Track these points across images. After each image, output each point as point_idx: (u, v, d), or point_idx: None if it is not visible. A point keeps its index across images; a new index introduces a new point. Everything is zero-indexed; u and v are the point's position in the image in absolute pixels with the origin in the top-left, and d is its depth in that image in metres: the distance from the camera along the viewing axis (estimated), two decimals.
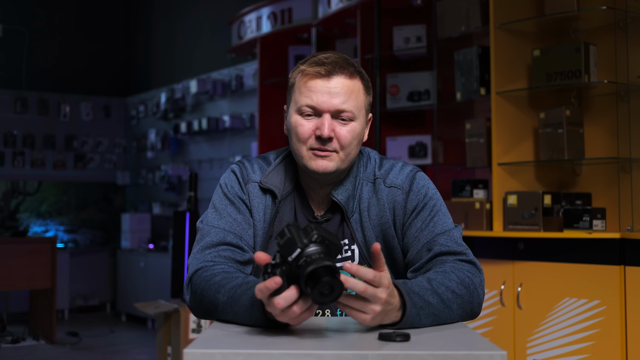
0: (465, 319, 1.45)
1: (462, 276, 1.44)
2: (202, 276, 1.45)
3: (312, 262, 1.17)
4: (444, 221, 1.55)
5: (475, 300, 1.45)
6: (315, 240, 1.20)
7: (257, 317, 1.29)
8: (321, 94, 1.51)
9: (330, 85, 1.51)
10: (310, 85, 1.52)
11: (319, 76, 1.51)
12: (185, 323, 3.98)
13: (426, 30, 3.93)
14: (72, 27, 7.89)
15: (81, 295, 7.47)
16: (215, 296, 1.39)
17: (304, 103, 1.52)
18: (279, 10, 4.91)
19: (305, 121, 1.53)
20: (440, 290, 1.38)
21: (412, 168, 1.62)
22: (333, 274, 1.16)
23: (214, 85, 6.43)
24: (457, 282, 1.43)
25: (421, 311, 1.33)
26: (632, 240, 2.83)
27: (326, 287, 1.15)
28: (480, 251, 3.32)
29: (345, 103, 1.51)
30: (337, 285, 1.16)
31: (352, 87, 1.52)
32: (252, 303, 1.30)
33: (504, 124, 3.34)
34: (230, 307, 1.35)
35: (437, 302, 1.36)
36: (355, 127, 1.53)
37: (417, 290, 1.34)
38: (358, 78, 1.54)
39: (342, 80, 1.52)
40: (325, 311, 1.57)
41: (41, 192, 7.68)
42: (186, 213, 4.63)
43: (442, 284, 1.40)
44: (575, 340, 2.96)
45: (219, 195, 1.61)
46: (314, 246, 1.20)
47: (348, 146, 1.53)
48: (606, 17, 3.19)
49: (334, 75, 1.51)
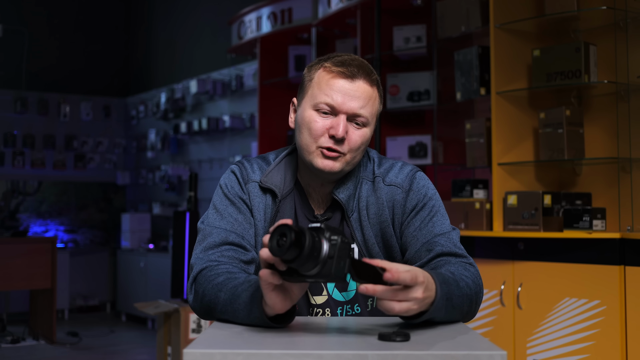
0: (466, 318, 1.45)
1: (472, 277, 1.45)
2: (206, 276, 1.45)
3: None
4: (442, 222, 1.56)
5: (479, 302, 1.47)
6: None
7: (256, 314, 1.29)
8: (342, 94, 1.50)
9: (353, 88, 1.51)
10: (333, 84, 1.51)
11: (343, 76, 1.51)
12: (185, 323, 3.98)
13: (426, 30, 3.93)
14: (72, 27, 7.89)
15: (81, 295, 7.48)
16: (216, 295, 1.39)
17: (323, 100, 1.51)
18: (279, 10, 4.91)
19: (321, 118, 1.52)
20: (462, 284, 1.38)
21: (412, 167, 1.62)
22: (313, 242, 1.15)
23: (214, 85, 6.43)
24: (470, 281, 1.43)
25: (447, 302, 1.31)
26: (632, 240, 2.83)
27: (284, 238, 1.14)
28: (480, 251, 3.33)
29: (363, 108, 1.51)
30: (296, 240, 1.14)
31: (371, 94, 1.53)
32: (251, 300, 1.30)
33: (504, 124, 3.34)
34: (230, 305, 1.35)
35: (459, 295, 1.36)
36: (366, 132, 1.54)
37: (449, 281, 1.34)
38: (376, 87, 1.55)
39: (364, 86, 1.52)
40: (326, 310, 1.58)
41: (41, 192, 7.69)
42: (186, 213, 4.63)
43: (462, 279, 1.40)
44: (575, 340, 2.96)
45: (219, 195, 1.61)
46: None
47: (356, 150, 1.53)
48: (606, 17, 3.19)
49: (357, 79, 1.51)
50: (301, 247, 1.15)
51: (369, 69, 1.54)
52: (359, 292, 1.22)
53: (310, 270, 1.18)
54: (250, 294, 1.31)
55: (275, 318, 1.29)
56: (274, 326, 1.28)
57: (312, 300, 1.57)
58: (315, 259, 1.16)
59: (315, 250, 1.16)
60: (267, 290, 1.24)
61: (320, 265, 1.17)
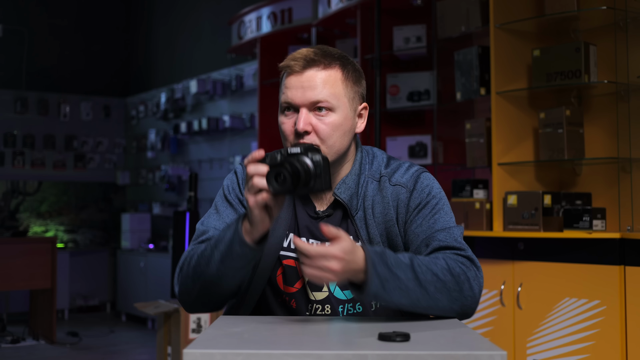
0: (454, 309, 1.43)
1: (452, 265, 1.44)
2: (188, 258, 1.52)
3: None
4: (444, 219, 1.55)
5: (467, 293, 1.43)
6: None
7: (233, 231, 1.41)
8: (295, 89, 1.52)
9: (302, 79, 1.52)
10: (287, 83, 1.54)
11: (293, 72, 1.53)
12: (185, 323, 3.98)
13: (426, 30, 3.93)
14: (72, 27, 7.89)
15: (81, 295, 7.47)
16: (201, 254, 1.48)
17: (282, 101, 1.55)
18: (279, 10, 4.91)
19: (287, 119, 1.54)
20: (419, 269, 1.39)
21: (418, 168, 1.62)
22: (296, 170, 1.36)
23: (214, 85, 6.43)
24: (443, 268, 1.42)
25: (386, 283, 1.35)
26: (632, 240, 2.83)
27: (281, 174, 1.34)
28: (480, 251, 3.33)
29: (319, 94, 1.51)
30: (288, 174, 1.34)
31: (326, 78, 1.53)
32: (230, 225, 1.44)
33: (504, 124, 3.34)
34: (213, 248, 1.45)
35: (408, 279, 1.37)
36: (335, 118, 1.53)
37: (391, 263, 1.36)
38: (337, 68, 1.54)
39: (315, 73, 1.52)
40: (325, 307, 1.58)
41: (41, 192, 7.68)
42: (186, 213, 4.63)
43: (425, 264, 1.41)
44: (575, 340, 2.96)
45: (220, 196, 1.64)
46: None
47: (329, 138, 1.52)
48: (606, 17, 3.19)
49: (306, 69, 1.52)
50: (298, 178, 1.35)
51: (319, 55, 1.54)
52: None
53: (302, 190, 1.39)
54: (230, 226, 1.44)
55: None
56: (249, 247, 1.41)
57: (312, 296, 1.57)
58: (307, 183, 1.38)
59: (308, 175, 1.37)
60: (256, 210, 1.37)
61: (311, 184, 1.39)
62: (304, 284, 1.58)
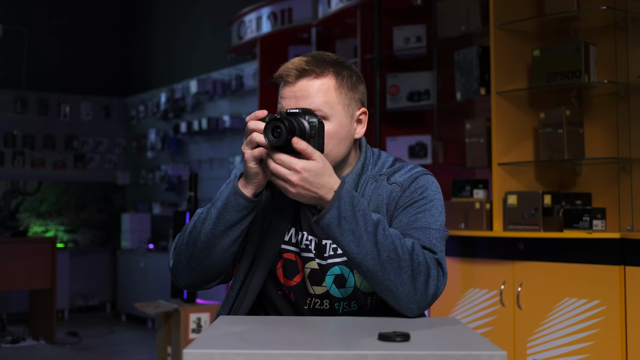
0: (400, 294, 1.40)
1: (418, 252, 1.43)
2: (186, 226, 1.57)
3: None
4: (427, 219, 1.53)
5: (419, 286, 1.41)
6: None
7: (230, 187, 1.49)
8: (289, 99, 1.54)
9: (295, 89, 1.53)
10: (282, 93, 1.56)
11: (286, 84, 1.55)
12: (185, 323, 3.98)
13: (426, 30, 3.93)
14: (72, 27, 7.89)
15: (81, 295, 7.48)
16: (199, 215, 1.54)
17: (278, 110, 1.57)
18: (279, 10, 4.91)
19: None
20: (381, 232, 1.40)
21: (421, 170, 1.61)
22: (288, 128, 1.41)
23: (214, 85, 6.43)
24: (406, 247, 1.41)
25: (343, 221, 1.38)
26: (632, 240, 2.83)
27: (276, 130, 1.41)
28: (480, 251, 3.33)
29: (312, 103, 1.52)
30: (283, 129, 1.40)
31: (318, 87, 1.53)
32: (227, 184, 1.53)
33: (504, 124, 3.34)
34: (211, 206, 1.52)
35: (367, 231, 1.39)
36: (329, 126, 1.53)
37: (357, 208, 1.40)
38: (330, 75, 1.54)
39: (307, 82, 1.53)
40: (324, 301, 1.58)
41: (41, 192, 7.68)
42: (186, 213, 4.63)
43: (391, 234, 1.42)
44: (575, 340, 2.96)
45: (225, 182, 1.65)
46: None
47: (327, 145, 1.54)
48: (606, 17, 3.19)
49: (298, 79, 1.53)
50: (293, 134, 1.41)
51: (311, 64, 1.54)
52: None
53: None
54: (228, 184, 1.53)
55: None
56: (244, 197, 1.47)
57: (311, 290, 1.58)
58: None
59: (303, 133, 1.43)
60: (251, 162, 1.44)
61: None
62: (304, 278, 1.59)
